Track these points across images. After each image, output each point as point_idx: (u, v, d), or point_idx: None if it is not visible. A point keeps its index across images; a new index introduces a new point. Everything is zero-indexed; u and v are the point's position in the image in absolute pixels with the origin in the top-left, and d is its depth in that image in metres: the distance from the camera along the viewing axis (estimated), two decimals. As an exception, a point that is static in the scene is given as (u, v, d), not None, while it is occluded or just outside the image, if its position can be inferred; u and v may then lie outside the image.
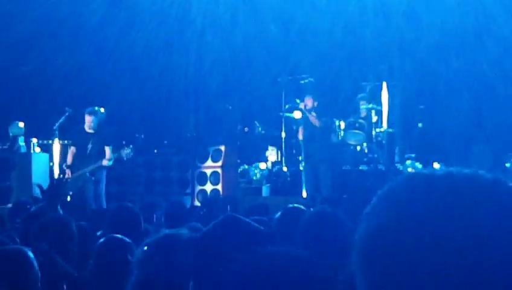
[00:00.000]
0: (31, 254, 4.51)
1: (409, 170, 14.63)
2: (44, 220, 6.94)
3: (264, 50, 17.30)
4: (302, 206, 6.14)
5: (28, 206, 10.63)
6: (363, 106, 15.41)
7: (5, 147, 15.42)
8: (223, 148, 16.29)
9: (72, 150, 15.03)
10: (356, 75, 16.40)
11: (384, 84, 15.04)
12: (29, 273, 4.42)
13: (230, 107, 17.51)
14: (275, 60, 17.03)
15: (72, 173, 14.64)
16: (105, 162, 14.81)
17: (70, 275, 5.84)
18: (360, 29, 16.58)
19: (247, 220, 3.59)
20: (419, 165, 14.93)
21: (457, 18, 15.84)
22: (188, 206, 14.91)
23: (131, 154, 15.09)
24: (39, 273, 4.52)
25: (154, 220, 13.06)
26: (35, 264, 4.49)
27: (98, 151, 14.83)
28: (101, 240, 5.68)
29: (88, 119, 14.91)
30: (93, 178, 14.74)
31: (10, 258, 4.48)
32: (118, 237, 5.55)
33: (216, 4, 17.33)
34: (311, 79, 15.57)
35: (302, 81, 15.63)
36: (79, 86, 16.68)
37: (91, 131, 14.93)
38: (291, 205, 6.20)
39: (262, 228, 3.60)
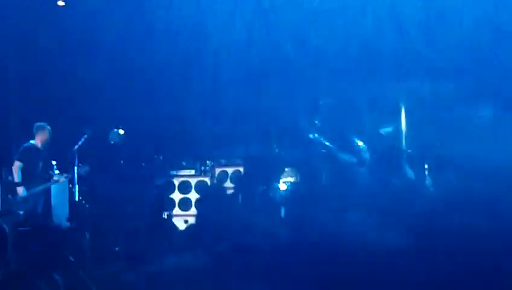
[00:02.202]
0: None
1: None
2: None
3: (280, 69, 17.29)
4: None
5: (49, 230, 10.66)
6: (383, 128, 15.38)
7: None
8: (241, 169, 16.28)
9: (18, 166, 14.91)
10: (373, 95, 16.34)
11: (402, 104, 14.99)
12: None
13: (246, 126, 17.49)
14: (292, 80, 17.01)
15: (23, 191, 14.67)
16: (61, 179, 14.80)
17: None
18: (377, 49, 16.55)
19: (264, 244, 3.54)
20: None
21: (474, 36, 15.80)
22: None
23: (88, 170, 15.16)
24: None
25: (173, 241, 13.07)
26: None
27: (47, 168, 14.87)
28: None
29: (43, 134, 14.97)
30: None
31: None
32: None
33: (232, 24, 17.34)
34: (330, 99, 15.57)
35: (321, 101, 15.63)
36: (97, 108, 16.72)
37: (42, 148, 14.93)
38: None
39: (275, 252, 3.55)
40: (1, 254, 6.72)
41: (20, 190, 14.66)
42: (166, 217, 16.16)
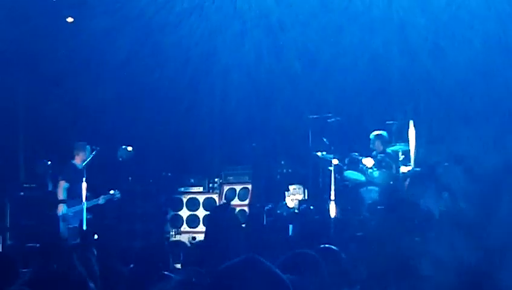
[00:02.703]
0: None
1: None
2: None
3: (289, 88, 17.31)
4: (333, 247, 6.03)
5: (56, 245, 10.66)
6: (390, 147, 15.39)
7: (32, 185, 15.47)
8: (249, 186, 16.28)
9: (64, 186, 14.99)
10: (382, 114, 16.36)
11: (411, 122, 15.00)
12: None
13: (254, 144, 17.51)
14: (300, 98, 17.03)
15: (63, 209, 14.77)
16: (100, 200, 14.97)
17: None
18: (386, 67, 16.56)
19: (267, 263, 3.45)
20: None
21: (482, 55, 15.80)
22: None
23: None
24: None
25: (181, 258, 13.04)
26: None
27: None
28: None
29: (83, 153, 15.08)
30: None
31: None
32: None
33: (241, 42, 17.38)
34: (338, 118, 15.59)
35: (329, 120, 15.65)
36: (106, 125, 16.74)
37: (81, 167, 15.01)
38: (322, 245, 6.08)
39: (279, 272, 3.47)
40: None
41: (61, 208, 14.77)
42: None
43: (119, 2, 16.33)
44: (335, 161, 15.26)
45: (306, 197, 16.30)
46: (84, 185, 14.46)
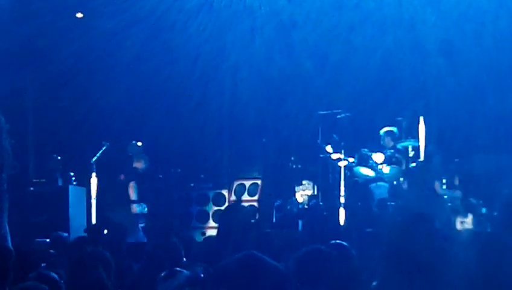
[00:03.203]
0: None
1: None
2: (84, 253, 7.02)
3: (299, 85, 17.32)
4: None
5: (66, 240, 10.73)
6: (400, 143, 15.37)
7: (42, 180, 15.49)
8: (259, 182, 16.28)
9: (135, 186, 15.31)
10: (392, 110, 16.34)
11: (422, 119, 14.96)
12: None
13: (264, 140, 17.52)
14: (311, 95, 17.03)
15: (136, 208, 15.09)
16: None
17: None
18: (396, 64, 16.55)
19: (267, 258, 3.45)
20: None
21: (493, 54, 15.78)
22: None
23: None
24: None
25: (190, 254, 13.05)
26: None
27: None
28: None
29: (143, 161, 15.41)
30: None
31: None
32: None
33: (251, 40, 17.39)
34: (348, 114, 15.58)
35: (339, 116, 15.64)
36: (115, 121, 16.78)
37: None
38: (333, 241, 6.07)
39: (281, 267, 3.47)
40: None
41: (135, 209, 15.04)
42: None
43: (129, 0, 16.36)
44: (350, 159, 15.27)
45: (316, 193, 16.30)
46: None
